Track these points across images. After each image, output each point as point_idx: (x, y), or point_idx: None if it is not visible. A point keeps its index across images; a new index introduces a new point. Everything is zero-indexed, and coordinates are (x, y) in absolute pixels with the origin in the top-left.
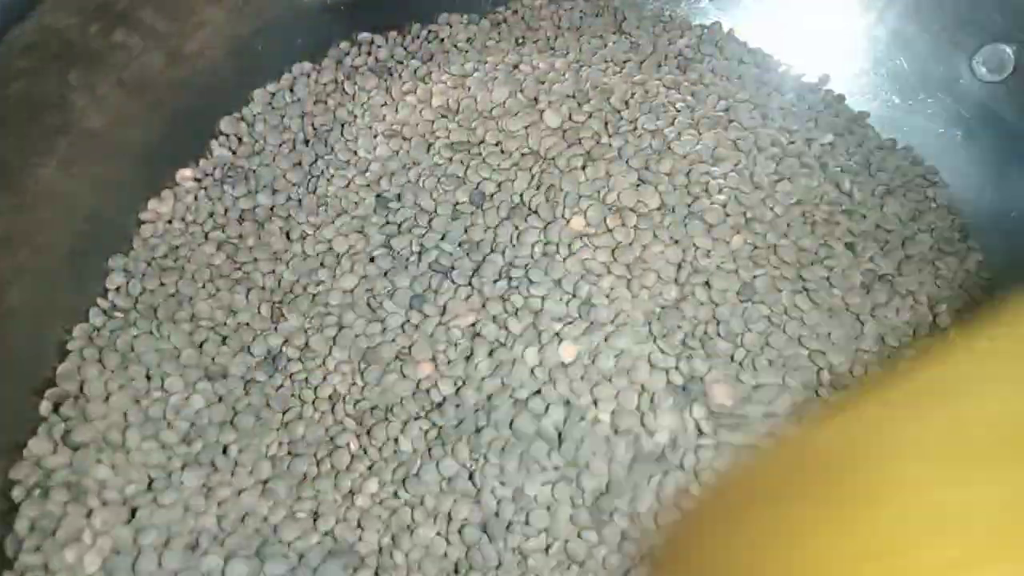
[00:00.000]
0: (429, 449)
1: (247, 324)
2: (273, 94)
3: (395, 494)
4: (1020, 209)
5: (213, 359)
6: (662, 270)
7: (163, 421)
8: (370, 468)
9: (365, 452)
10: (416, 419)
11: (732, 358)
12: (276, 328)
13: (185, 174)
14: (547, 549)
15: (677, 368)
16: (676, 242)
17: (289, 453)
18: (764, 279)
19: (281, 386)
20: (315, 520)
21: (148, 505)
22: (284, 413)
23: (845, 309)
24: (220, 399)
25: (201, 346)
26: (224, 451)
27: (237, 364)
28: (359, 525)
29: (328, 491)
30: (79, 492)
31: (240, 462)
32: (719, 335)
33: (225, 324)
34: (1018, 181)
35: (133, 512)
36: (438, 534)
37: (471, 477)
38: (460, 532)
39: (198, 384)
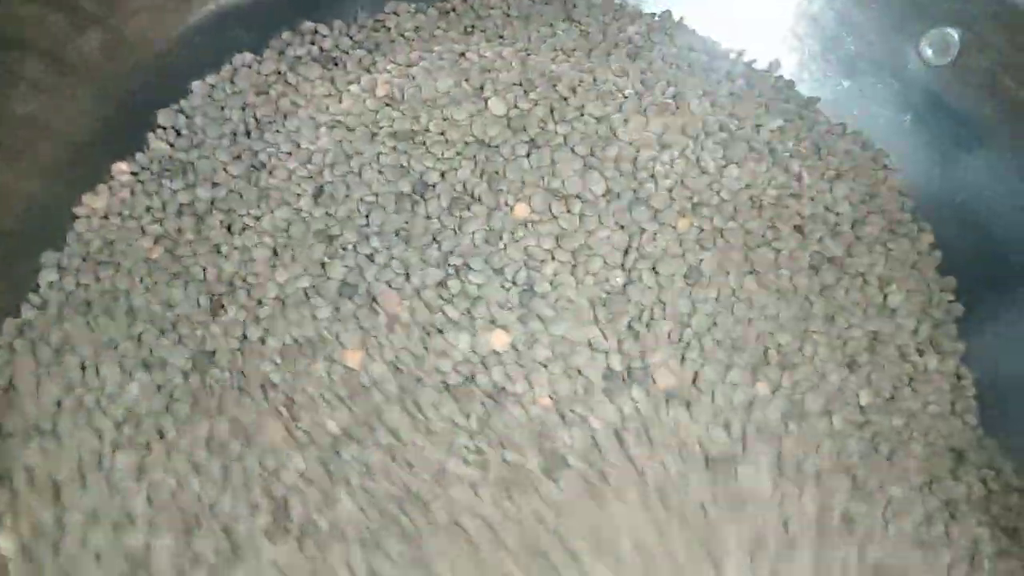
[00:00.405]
0: (351, 431)
1: (186, 317)
2: (213, 85)
3: (321, 473)
4: (966, 193)
5: (151, 351)
6: (608, 256)
7: (98, 409)
8: (297, 449)
9: (291, 435)
10: (343, 401)
11: (680, 339)
12: (215, 320)
13: (121, 167)
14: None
15: (619, 351)
16: (622, 227)
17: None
18: (711, 262)
19: (217, 378)
20: (245, 495)
21: (74, 485)
22: (219, 400)
23: (793, 290)
24: (158, 388)
25: (139, 339)
26: (161, 435)
27: (175, 355)
28: (285, 502)
29: (256, 468)
30: (3, 478)
31: (175, 445)
32: (665, 318)
33: (164, 317)
34: (965, 165)
35: (58, 494)
36: (360, 509)
37: (393, 458)
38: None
39: (135, 373)
